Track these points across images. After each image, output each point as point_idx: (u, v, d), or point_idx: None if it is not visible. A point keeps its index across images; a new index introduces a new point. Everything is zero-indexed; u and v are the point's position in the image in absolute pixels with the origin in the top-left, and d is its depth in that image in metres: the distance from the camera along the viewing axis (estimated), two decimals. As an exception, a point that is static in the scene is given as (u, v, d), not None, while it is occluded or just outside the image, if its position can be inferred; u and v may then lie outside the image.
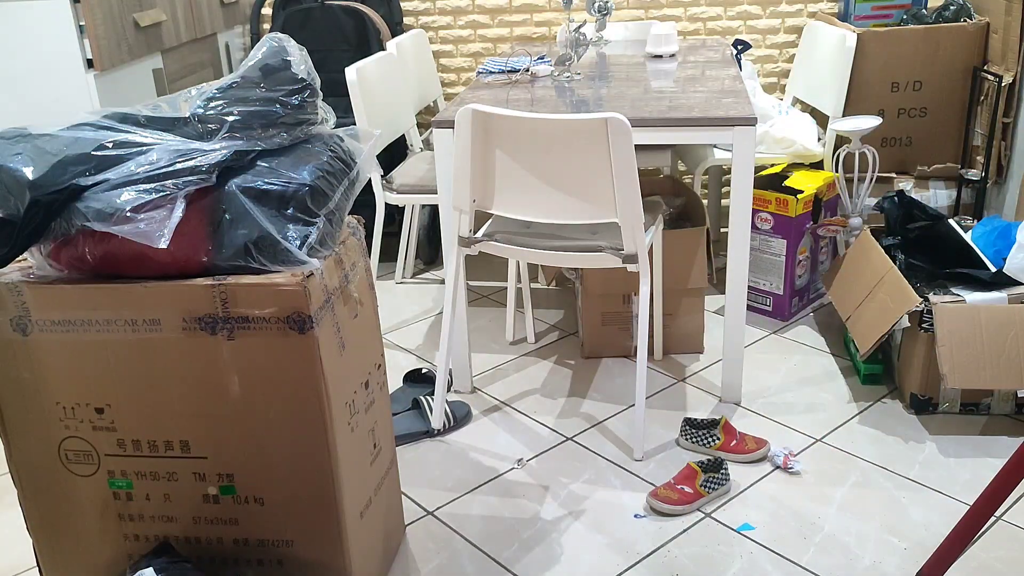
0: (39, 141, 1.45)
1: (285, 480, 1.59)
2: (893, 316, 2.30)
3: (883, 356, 2.55)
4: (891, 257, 2.48)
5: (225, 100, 1.53)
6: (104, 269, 1.49)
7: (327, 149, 1.59)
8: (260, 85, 1.53)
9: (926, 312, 2.27)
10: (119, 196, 1.42)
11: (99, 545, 1.68)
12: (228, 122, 1.51)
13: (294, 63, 1.56)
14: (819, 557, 1.90)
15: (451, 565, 1.93)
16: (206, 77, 3.38)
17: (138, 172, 1.44)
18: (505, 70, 2.85)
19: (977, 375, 2.20)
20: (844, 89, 2.99)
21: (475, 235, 2.30)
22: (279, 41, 1.58)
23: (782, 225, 2.80)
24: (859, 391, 2.51)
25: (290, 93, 1.55)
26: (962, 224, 2.65)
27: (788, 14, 3.54)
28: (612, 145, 2.01)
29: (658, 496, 2.06)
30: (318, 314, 1.49)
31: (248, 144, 1.51)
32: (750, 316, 2.91)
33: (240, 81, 1.54)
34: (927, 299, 2.28)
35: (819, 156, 3.05)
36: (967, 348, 2.21)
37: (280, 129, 1.54)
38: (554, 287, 3.31)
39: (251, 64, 1.55)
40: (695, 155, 3.29)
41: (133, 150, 1.47)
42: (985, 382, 2.21)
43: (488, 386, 2.63)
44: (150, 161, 1.45)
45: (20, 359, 1.54)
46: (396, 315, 3.13)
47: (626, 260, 2.17)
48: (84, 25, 2.58)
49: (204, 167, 1.46)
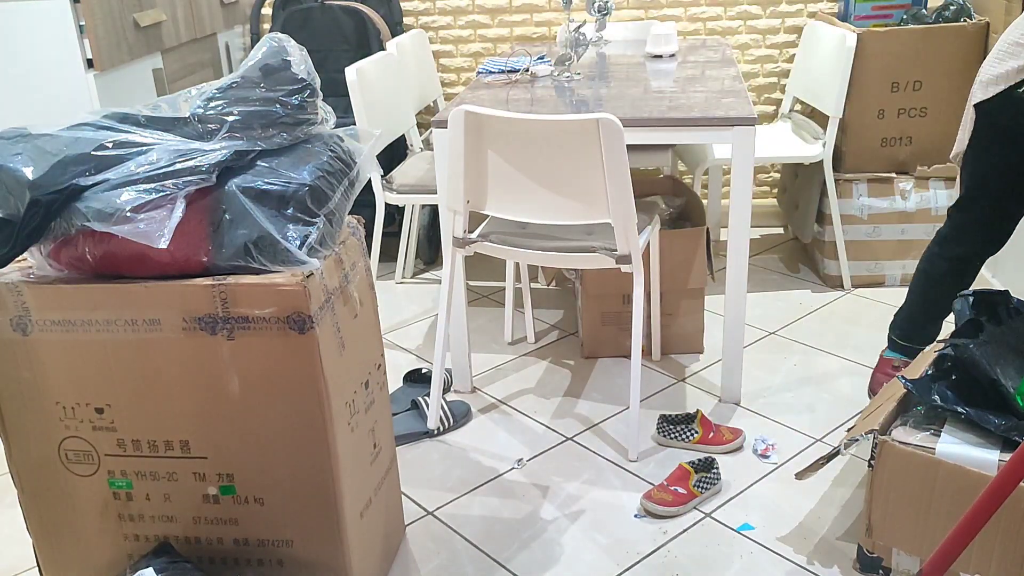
0: (39, 141, 1.45)
1: (285, 480, 1.59)
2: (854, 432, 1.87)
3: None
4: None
5: (225, 100, 1.53)
6: (104, 269, 1.49)
7: (327, 149, 1.59)
8: (260, 85, 1.53)
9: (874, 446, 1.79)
10: (119, 196, 1.42)
11: (99, 545, 1.68)
12: (228, 122, 1.51)
13: (294, 63, 1.56)
14: (819, 557, 1.90)
15: (451, 565, 1.93)
16: (206, 77, 3.38)
17: (138, 172, 1.44)
18: (505, 70, 2.85)
19: (909, 538, 1.78)
20: (844, 89, 2.99)
21: (470, 235, 2.30)
22: (279, 41, 1.58)
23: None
24: (859, 391, 2.51)
25: (290, 93, 1.55)
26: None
27: (788, 14, 3.54)
28: (604, 146, 2.01)
29: (652, 498, 2.06)
30: (318, 314, 1.49)
31: (248, 144, 1.51)
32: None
33: (240, 81, 1.54)
34: (883, 432, 1.79)
35: (818, 157, 3.05)
36: (908, 505, 1.76)
37: (280, 129, 1.54)
38: (554, 287, 3.31)
39: (251, 64, 1.55)
40: (695, 155, 3.29)
41: (133, 150, 1.47)
42: (913, 548, 1.78)
43: (488, 386, 2.63)
44: (150, 161, 1.45)
45: (20, 359, 1.54)
46: (396, 315, 3.13)
47: (620, 261, 2.17)
48: (84, 25, 2.58)
49: (204, 167, 1.46)
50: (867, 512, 1.81)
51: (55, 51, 2.57)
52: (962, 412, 1.74)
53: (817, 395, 2.51)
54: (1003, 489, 1.36)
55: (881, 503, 1.79)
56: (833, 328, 2.89)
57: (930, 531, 1.73)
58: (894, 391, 1.93)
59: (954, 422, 1.77)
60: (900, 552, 1.80)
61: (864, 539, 1.84)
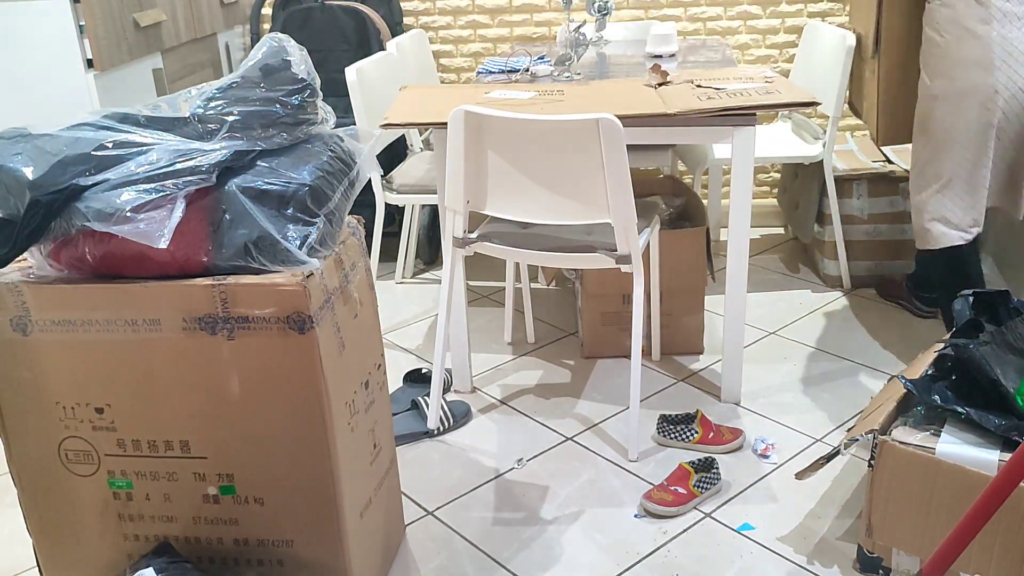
0: (39, 141, 1.46)
1: (285, 480, 1.59)
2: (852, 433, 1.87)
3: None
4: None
5: (225, 100, 1.53)
6: (104, 269, 1.49)
7: (327, 149, 1.59)
8: (260, 85, 1.53)
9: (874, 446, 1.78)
10: (119, 196, 1.42)
11: (99, 545, 1.68)
12: (228, 122, 1.51)
13: (294, 63, 1.56)
14: (819, 557, 1.90)
15: (451, 565, 1.93)
16: (206, 77, 3.38)
17: (138, 172, 1.44)
18: (505, 70, 2.85)
19: (909, 538, 1.78)
20: (844, 89, 2.99)
21: (470, 235, 2.30)
22: (279, 41, 1.58)
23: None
24: (859, 391, 2.51)
25: (290, 93, 1.55)
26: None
27: (788, 14, 3.54)
28: (604, 145, 2.01)
29: (652, 498, 2.06)
30: (318, 314, 1.49)
31: (248, 144, 1.51)
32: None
33: (240, 81, 1.54)
34: (883, 432, 1.79)
35: (818, 157, 3.05)
36: (908, 505, 1.76)
37: (280, 129, 1.54)
38: (554, 287, 3.31)
39: (251, 64, 1.55)
40: (695, 155, 3.29)
41: (133, 150, 1.47)
42: (914, 548, 1.78)
43: (488, 386, 2.63)
44: (150, 161, 1.45)
45: (20, 359, 1.54)
46: (396, 315, 3.13)
47: (619, 261, 2.17)
48: (84, 25, 2.58)
49: (204, 167, 1.46)
50: (867, 512, 1.81)
51: (55, 51, 2.57)
52: (962, 412, 1.74)
53: (817, 395, 2.51)
54: (1003, 489, 1.36)
55: (881, 503, 1.79)
56: (833, 328, 2.89)
57: (930, 531, 1.73)
58: (894, 391, 1.93)
59: (954, 422, 1.77)
60: (900, 552, 1.80)
61: (864, 539, 1.84)
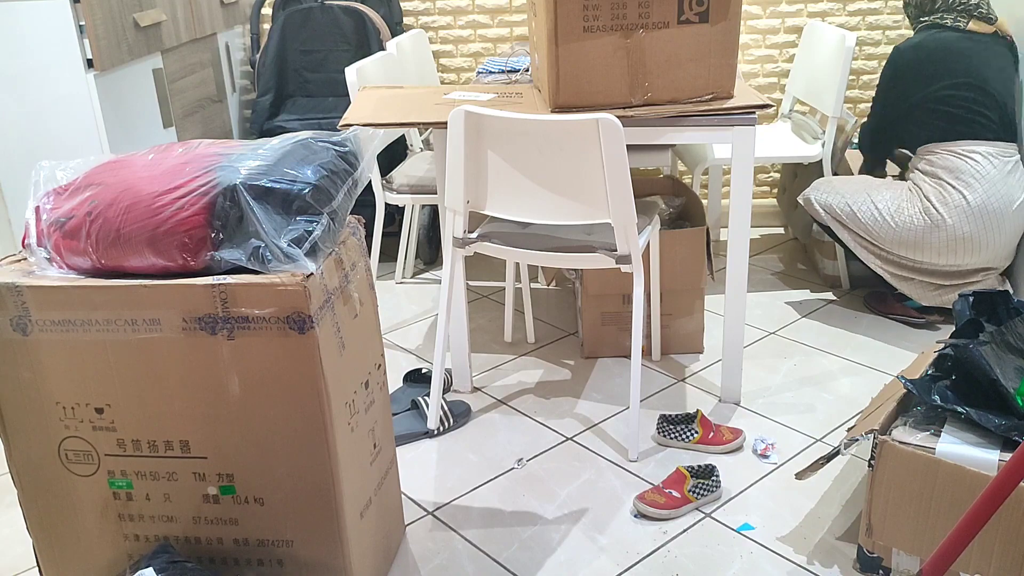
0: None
1: (285, 480, 1.59)
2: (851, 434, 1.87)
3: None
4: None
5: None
6: (106, 261, 1.49)
7: (331, 148, 1.59)
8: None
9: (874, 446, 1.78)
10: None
11: (99, 545, 1.68)
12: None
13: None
14: (819, 557, 1.90)
15: (451, 565, 1.93)
16: (206, 77, 3.38)
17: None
18: (505, 70, 2.85)
19: (909, 538, 1.78)
20: (844, 89, 2.99)
21: (470, 235, 2.30)
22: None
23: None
24: (859, 391, 2.52)
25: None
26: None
27: (788, 14, 3.54)
28: (604, 145, 2.01)
29: (644, 499, 2.05)
30: (318, 314, 1.49)
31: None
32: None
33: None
34: (883, 432, 1.79)
35: (818, 157, 3.05)
36: (908, 505, 1.76)
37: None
38: (554, 287, 3.31)
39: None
40: (695, 155, 3.29)
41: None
42: (914, 548, 1.78)
43: (488, 386, 2.63)
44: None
45: (20, 359, 1.54)
46: (396, 315, 3.13)
47: (619, 261, 2.17)
48: (84, 25, 2.58)
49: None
50: (867, 512, 1.81)
51: (55, 51, 2.57)
52: (962, 412, 1.74)
53: (817, 395, 2.51)
54: (1003, 489, 1.36)
55: (881, 503, 1.79)
56: (833, 328, 2.89)
57: (930, 531, 1.73)
58: (894, 391, 1.93)
59: (954, 422, 1.77)
60: (900, 552, 1.80)
61: (864, 539, 1.84)
